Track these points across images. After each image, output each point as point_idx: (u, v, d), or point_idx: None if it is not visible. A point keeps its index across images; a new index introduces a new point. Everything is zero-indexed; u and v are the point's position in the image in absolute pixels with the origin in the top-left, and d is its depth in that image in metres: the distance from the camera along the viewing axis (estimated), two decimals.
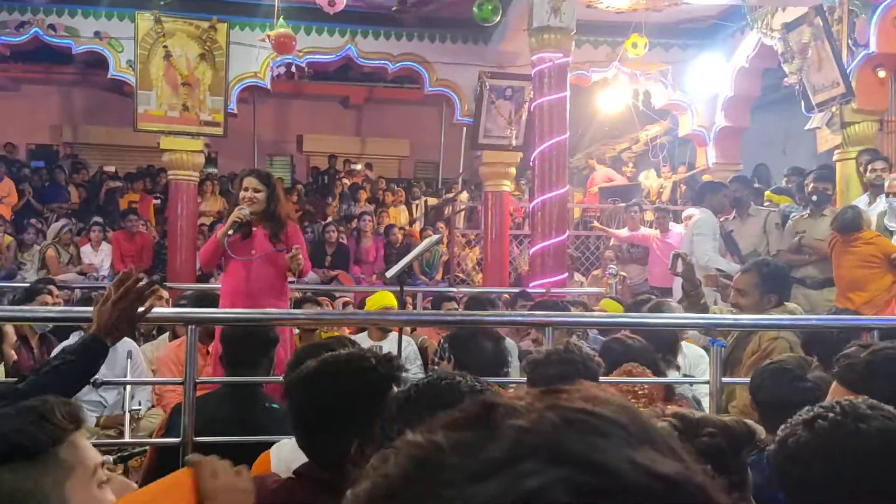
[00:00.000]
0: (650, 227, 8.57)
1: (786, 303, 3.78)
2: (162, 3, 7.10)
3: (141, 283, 2.23)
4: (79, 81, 13.58)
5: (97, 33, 8.35)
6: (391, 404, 1.57)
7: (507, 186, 9.36)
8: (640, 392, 3.12)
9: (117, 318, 2.18)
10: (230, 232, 4.13)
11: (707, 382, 3.30)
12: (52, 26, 8.31)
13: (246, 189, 4.18)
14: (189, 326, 2.94)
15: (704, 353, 4.15)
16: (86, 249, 8.95)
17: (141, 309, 2.24)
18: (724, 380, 3.26)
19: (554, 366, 2.34)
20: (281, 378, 2.52)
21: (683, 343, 4.06)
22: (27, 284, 6.45)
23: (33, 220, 9.52)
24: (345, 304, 6.93)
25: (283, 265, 4.22)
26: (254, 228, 4.21)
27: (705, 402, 3.55)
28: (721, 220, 6.59)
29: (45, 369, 2.17)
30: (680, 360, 3.88)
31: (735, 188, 6.54)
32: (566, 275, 7.27)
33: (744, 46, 8.47)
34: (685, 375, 3.81)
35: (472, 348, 3.04)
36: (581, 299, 6.50)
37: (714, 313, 3.82)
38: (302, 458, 1.81)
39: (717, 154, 9.26)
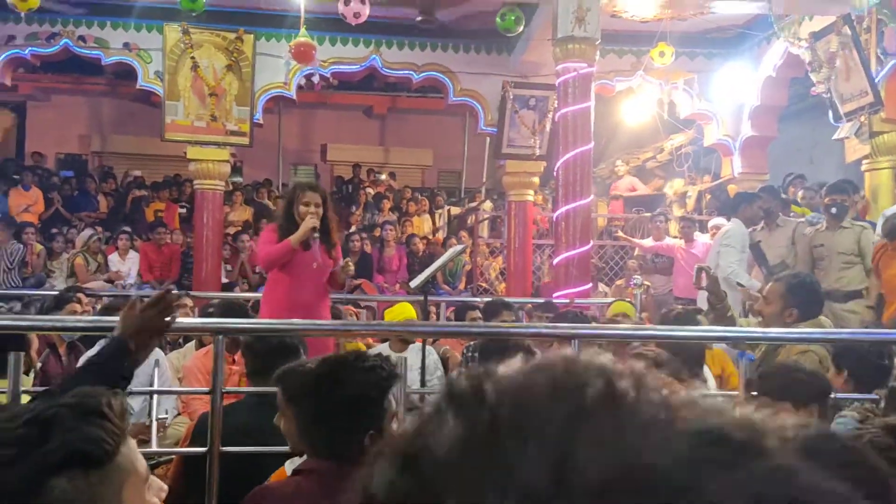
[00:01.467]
0: (675, 237, 8.51)
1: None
2: (192, 14, 7.19)
3: (168, 291, 2.27)
4: (108, 92, 13.80)
5: (126, 45, 8.49)
6: None
7: (531, 196, 9.34)
8: None
9: (143, 325, 2.20)
10: (305, 238, 4.24)
11: (735, 395, 3.26)
12: (82, 38, 8.46)
13: (308, 204, 4.27)
14: (216, 336, 2.95)
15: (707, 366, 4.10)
16: (113, 258, 9.06)
17: (167, 319, 2.27)
18: (754, 394, 3.21)
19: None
20: None
21: None
22: (56, 292, 6.55)
23: (62, 229, 9.66)
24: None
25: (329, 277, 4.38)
26: (311, 241, 4.32)
27: None
28: (749, 231, 6.52)
29: (69, 376, 2.20)
30: None
31: (765, 199, 6.46)
32: (590, 285, 7.23)
33: (770, 55, 8.40)
34: None
35: (502, 361, 3.02)
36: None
37: (742, 326, 3.78)
38: None
39: (743, 164, 9.17)
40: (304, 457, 2.14)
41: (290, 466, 2.21)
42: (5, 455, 1.04)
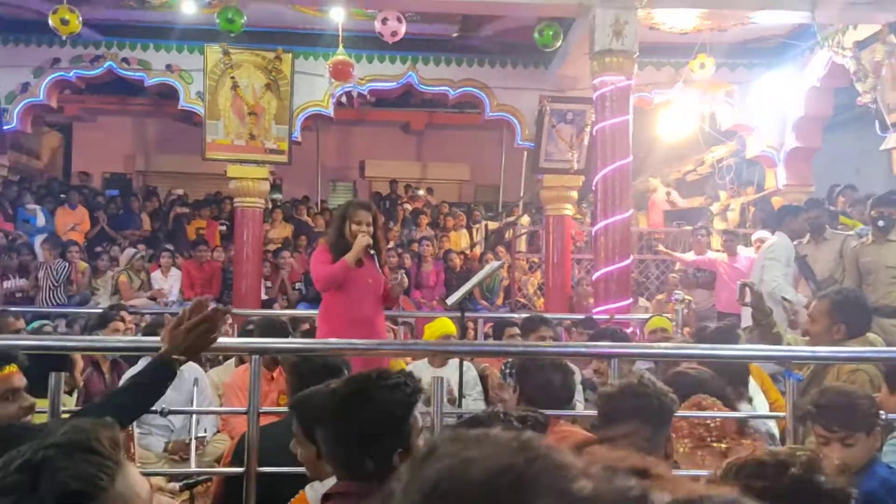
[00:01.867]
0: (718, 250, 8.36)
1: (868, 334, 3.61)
2: (231, 35, 7.31)
3: (216, 310, 2.28)
4: (151, 112, 14.09)
5: (168, 66, 8.66)
6: None
7: (569, 210, 9.27)
8: (712, 425, 3.01)
9: (189, 343, 2.22)
10: (359, 256, 4.33)
11: (783, 416, 3.16)
12: (125, 60, 8.66)
13: (360, 223, 4.35)
14: (253, 356, 2.96)
15: (754, 382, 3.98)
16: (156, 275, 9.20)
17: (212, 335, 2.29)
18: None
19: (628, 399, 2.26)
20: None
21: None
22: (100, 310, 6.66)
23: (107, 247, 9.84)
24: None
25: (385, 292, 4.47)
26: (362, 259, 4.38)
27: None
28: (795, 244, 6.37)
29: (114, 391, 2.23)
30: None
31: (813, 213, 6.29)
32: (630, 300, 7.12)
33: (814, 65, 8.23)
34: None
35: (540, 380, 2.98)
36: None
37: (789, 343, 3.67)
38: None
39: (787, 175, 8.99)
40: (325, 481, 2.12)
41: (310, 492, 2.19)
42: None
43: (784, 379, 3.17)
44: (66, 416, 2.63)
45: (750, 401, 3.60)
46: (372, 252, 4.36)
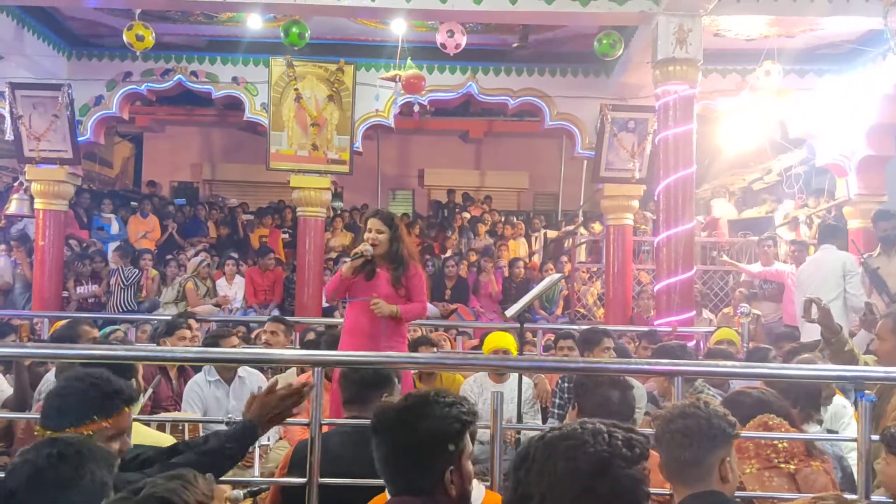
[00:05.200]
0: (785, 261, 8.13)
1: None
2: (295, 48, 7.47)
3: (304, 384, 2.53)
4: (217, 122, 14.45)
5: (235, 79, 8.89)
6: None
7: (629, 220, 9.14)
8: (780, 446, 2.93)
9: (275, 415, 2.44)
10: (355, 265, 4.22)
11: (854, 440, 3.04)
12: (194, 73, 8.93)
13: (370, 230, 4.25)
14: (315, 368, 3.00)
15: (849, 403, 3.84)
16: (221, 283, 9.43)
17: (295, 410, 2.51)
18: (874, 437, 2.99)
19: (675, 420, 2.23)
20: None
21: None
22: (169, 316, 6.86)
23: (175, 254, 10.13)
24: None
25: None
26: (377, 270, 4.26)
27: (851, 458, 3.28)
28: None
29: (200, 449, 2.39)
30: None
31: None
32: (693, 312, 6.97)
33: (887, 71, 7.93)
34: (828, 430, 3.53)
35: (598, 397, 2.94)
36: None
37: (866, 363, 3.53)
38: None
39: (859, 184, 8.68)
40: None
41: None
42: None
43: (857, 399, 3.06)
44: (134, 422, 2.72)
45: (820, 422, 3.48)
46: (371, 256, 4.16)
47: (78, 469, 1.75)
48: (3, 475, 1.84)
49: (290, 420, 4.55)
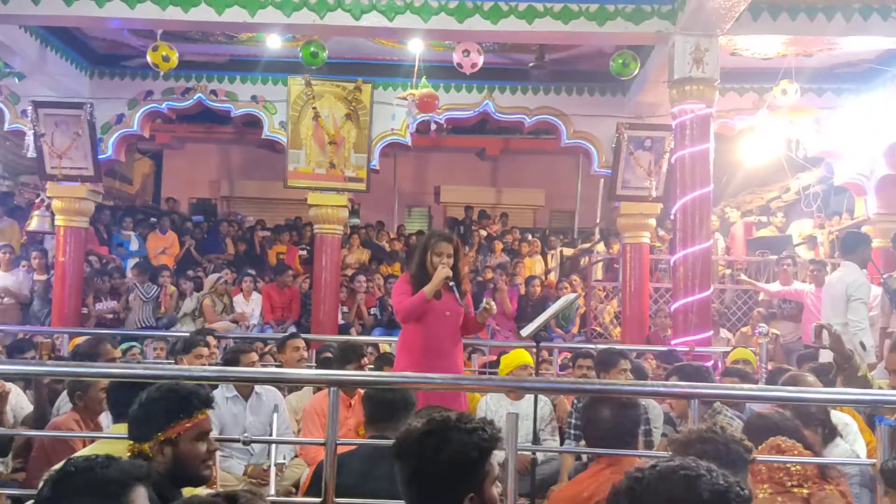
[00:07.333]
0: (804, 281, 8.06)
1: None
2: (313, 67, 7.54)
3: None
4: (236, 140, 14.59)
5: (253, 97, 8.99)
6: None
7: (646, 238, 9.11)
8: (792, 470, 2.89)
9: None
10: (438, 288, 4.36)
11: (872, 464, 3.01)
12: (213, 92, 9.03)
13: (441, 254, 4.41)
14: (331, 388, 3.01)
15: (851, 420, 3.80)
16: (238, 299, 9.47)
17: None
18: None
19: (693, 445, 2.22)
20: None
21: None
22: (187, 333, 6.90)
23: (194, 270, 10.19)
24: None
25: (465, 322, 4.47)
26: (441, 289, 4.42)
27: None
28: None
29: None
30: None
31: None
32: (711, 332, 6.92)
33: None
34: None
35: (592, 417, 2.96)
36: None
37: (880, 387, 3.50)
38: None
39: (878, 203, 8.63)
40: None
41: None
42: None
43: (876, 423, 3.03)
44: None
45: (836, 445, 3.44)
46: (451, 284, 4.38)
47: None
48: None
49: (306, 440, 4.60)
